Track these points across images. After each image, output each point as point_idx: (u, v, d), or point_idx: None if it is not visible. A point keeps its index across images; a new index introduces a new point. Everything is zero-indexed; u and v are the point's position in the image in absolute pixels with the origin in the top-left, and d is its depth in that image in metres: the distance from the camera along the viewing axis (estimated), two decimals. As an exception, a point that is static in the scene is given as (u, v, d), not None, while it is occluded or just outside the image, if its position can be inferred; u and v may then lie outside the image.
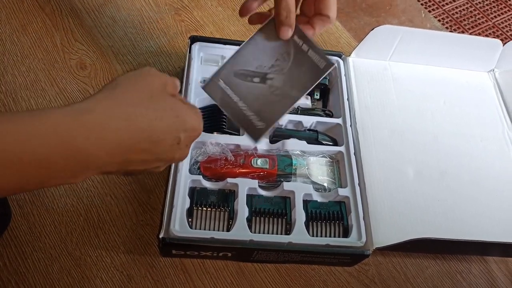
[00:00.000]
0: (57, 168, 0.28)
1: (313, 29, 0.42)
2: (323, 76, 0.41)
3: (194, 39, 0.54)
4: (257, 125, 0.42)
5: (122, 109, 0.30)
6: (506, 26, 1.40)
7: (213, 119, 0.50)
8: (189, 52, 0.53)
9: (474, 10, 1.30)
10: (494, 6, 1.44)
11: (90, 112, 0.29)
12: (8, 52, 0.56)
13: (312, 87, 0.41)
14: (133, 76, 0.33)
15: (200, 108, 0.50)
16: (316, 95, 0.56)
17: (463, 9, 1.28)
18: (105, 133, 0.29)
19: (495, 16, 1.40)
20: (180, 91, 0.50)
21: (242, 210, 0.43)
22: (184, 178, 0.44)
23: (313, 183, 0.47)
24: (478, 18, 1.28)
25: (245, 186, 0.44)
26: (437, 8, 1.24)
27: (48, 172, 0.28)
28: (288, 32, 0.40)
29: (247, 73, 0.42)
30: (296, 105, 0.48)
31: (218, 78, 0.42)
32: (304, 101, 0.54)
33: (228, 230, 0.42)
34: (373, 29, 0.54)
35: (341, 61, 0.56)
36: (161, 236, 0.40)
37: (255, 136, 0.42)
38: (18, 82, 0.54)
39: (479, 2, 1.33)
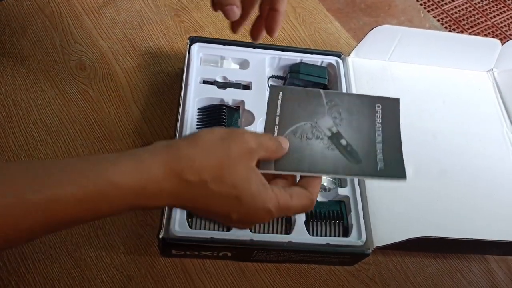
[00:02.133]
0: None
1: (271, 30, 0.41)
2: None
3: (193, 40, 0.54)
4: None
5: (182, 165, 0.30)
6: (505, 25, 1.41)
7: (213, 119, 0.50)
8: (189, 53, 0.53)
9: (473, 10, 1.30)
10: (493, 6, 1.44)
11: (154, 167, 0.30)
12: (8, 53, 0.56)
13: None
14: (221, 135, 0.32)
15: (199, 109, 0.51)
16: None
17: (462, 9, 1.28)
18: (159, 190, 0.30)
19: (494, 16, 1.40)
20: (180, 92, 0.50)
21: (242, 209, 0.43)
22: (184, 178, 0.44)
23: (313, 182, 0.47)
24: (477, 18, 1.28)
25: (244, 186, 0.44)
26: (436, 8, 1.24)
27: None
28: (235, 11, 0.39)
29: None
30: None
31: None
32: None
33: (228, 230, 0.42)
34: (372, 29, 0.54)
35: (340, 61, 0.56)
36: (161, 236, 0.40)
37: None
38: (18, 83, 0.54)
39: (478, 2, 1.33)
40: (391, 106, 0.41)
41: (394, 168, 0.37)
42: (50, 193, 0.27)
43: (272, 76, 0.56)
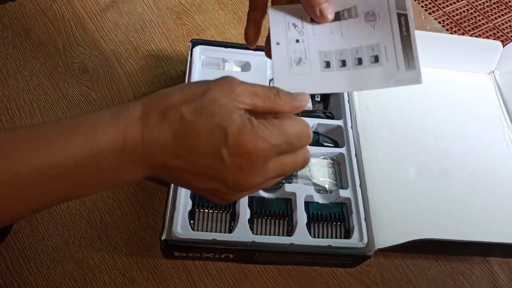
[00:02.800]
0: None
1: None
2: None
3: (195, 43, 0.54)
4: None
5: (160, 102, 0.29)
6: (506, 27, 1.41)
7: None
8: (191, 55, 0.53)
9: (475, 11, 1.30)
10: (494, 8, 1.44)
11: (133, 107, 0.29)
12: (11, 56, 0.57)
13: None
14: (201, 81, 0.30)
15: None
16: (317, 97, 0.56)
17: (464, 11, 1.28)
18: (140, 129, 0.28)
19: (495, 18, 1.40)
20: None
21: (244, 211, 0.43)
22: (186, 180, 0.44)
23: (315, 184, 0.47)
24: (479, 20, 1.28)
25: (246, 188, 0.45)
26: (437, 10, 1.24)
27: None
28: (329, 10, 0.34)
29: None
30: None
31: None
32: (305, 103, 0.55)
33: (230, 231, 0.42)
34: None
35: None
36: (163, 238, 0.40)
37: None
38: (21, 86, 0.54)
39: (480, 4, 1.34)
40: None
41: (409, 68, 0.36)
42: (43, 151, 0.27)
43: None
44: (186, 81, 0.51)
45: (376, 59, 0.33)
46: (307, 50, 0.34)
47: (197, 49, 0.54)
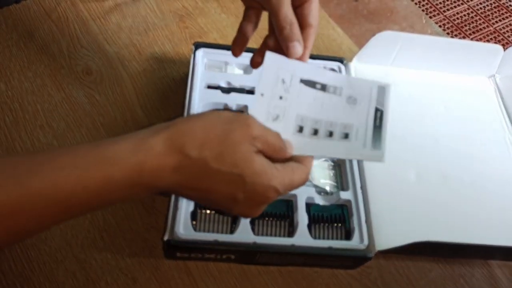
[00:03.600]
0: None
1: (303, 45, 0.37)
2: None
3: (198, 46, 0.55)
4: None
5: (182, 140, 0.30)
6: (507, 31, 1.41)
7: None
8: (193, 58, 0.54)
9: (475, 15, 1.31)
10: (495, 12, 1.45)
11: (153, 142, 0.30)
12: (15, 57, 0.57)
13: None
14: (224, 116, 0.32)
15: (203, 113, 0.51)
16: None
17: (464, 15, 1.29)
18: (160, 165, 0.30)
19: (496, 22, 1.41)
20: (184, 96, 0.51)
21: (246, 213, 0.43)
22: (188, 182, 0.44)
23: (315, 186, 0.47)
24: (479, 24, 1.29)
25: (248, 189, 0.45)
26: (438, 14, 1.25)
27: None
28: (298, 48, 0.37)
29: None
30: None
31: None
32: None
33: (231, 232, 0.43)
34: (374, 35, 0.55)
35: (342, 67, 0.57)
36: (165, 238, 0.41)
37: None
38: (25, 87, 0.55)
39: (480, 8, 1.34)
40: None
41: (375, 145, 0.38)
42: (53, 177, 0.27)
43: None
44: (189, 83, 0.52)
45: (346, 136, 0.37)
46: (286, 110, 0.36)
47: (200, 52, 0.55)
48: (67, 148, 0.31)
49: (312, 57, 0.57)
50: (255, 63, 0.42)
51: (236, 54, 0.43)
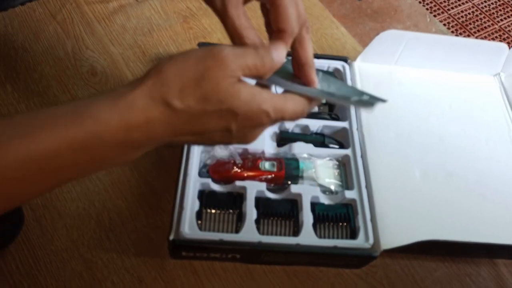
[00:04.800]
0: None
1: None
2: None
3: (202, 46, 0.55)
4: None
5: (161, 92, 0.28)
6: (512, 30, 1.40)
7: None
8: (197, 58, 0.54)
9: (480, 13, 1.30)
10: (500, 10, 1.44)
11: (133, 97, 0.28)
12: (21, 59, 0.58)
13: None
14: (195, 55, 0.30)
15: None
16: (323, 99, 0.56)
17: (469, 13, 1.28)
18: (146, 119, 0.28)
19: (501, 20, 1.40)
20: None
21: (250, 212, 0.44)
22: (194, 181, 0.45)
23: (320, 185, 0.47)
24: (484, 22, 1.28)
25: (253, 189, 0.45)
26: (442, 13, 1.24)
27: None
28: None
29: None
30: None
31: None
32: (311, 105, 0.55)
33: (236, 232, 0.43)
34: (378, 34, 0.55)
35: (346, 66, 0.57)
36: (171, 238, 0.41)
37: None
38: (31, 89, 0.55)
39: (485, 6, 1.33)
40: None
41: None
42: (33, 137, 0.26)
43: None
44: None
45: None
46: None
47: (204, 52, 0.55)
48: (46, 109, 0.29)
49: (316, 56, 0.57)
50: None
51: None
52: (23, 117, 0.28)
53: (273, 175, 0.47)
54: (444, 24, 1.22)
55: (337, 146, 0.51)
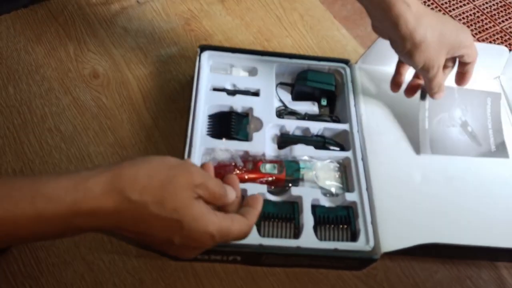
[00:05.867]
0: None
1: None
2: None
3: (203, 48, 0.55)
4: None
5: (124, 183, 0.30)
6: (514, 31, 1.40)
7: (222, 125, 0.51)
8: (199, 60, 0.54)
9: (481, 15, 1.30)
10: (501, 11, 1.44)
11: (92, 183, 0.30)
12: (23, 61, 0.58)
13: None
14: (169, 162, 0.32)
15: (209, 116, 0.52)
16: (323, 101, 0.56)
17: (470, 14, 1.28)
18: (97, 207, 0.30)
19: (502, 21, 1.40)
20: (190, 99, 0.51)
21: (251, 215, 0.44)
22: (194, 184, 0.45)
23: (321, 188, 0.47)
24: (485, 23, 1.28)
25: (254, 191, 0.45)
26: (443, 14, 1.24)
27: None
28: (441, 95, 0.50)
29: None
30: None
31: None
32: (312, 108, 0.55)
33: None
34: (379, 36, 0.55)
35: (347, 68, 0.57)
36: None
37: None
38: (33, 91, 0.56)
39: (486, 7, 1.33)
40: (496, 98, 0.55)
41: (502, 151, 0.52)
42: None
43: (280, 83, 0.57)
44: (194, 86, 0.52)
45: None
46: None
47: (205, 54, 0.55)
48: (6, 179, 0.31)
49: (317, 58, 0.57)
50: (405, 92, 0.53)
51: (394, 90, 0.54)
52: None
53: (273, 178, 0.47)
54: (446, 26, 1.22)
55: (337, 149, 0.52)
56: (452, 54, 0.48)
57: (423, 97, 0.53)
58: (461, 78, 0.51)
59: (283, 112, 0.54)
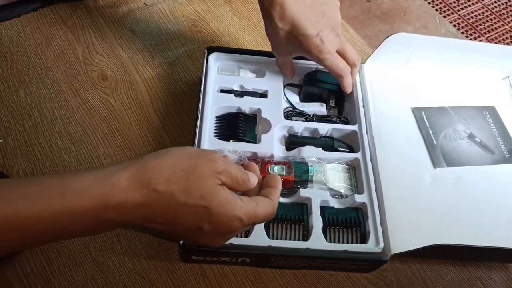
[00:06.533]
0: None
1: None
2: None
3: (210, 50, 0.55)
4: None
5: (148, 175, 0.31)
6: (523, 29, 1.38)
7: (230, 127, 0.51)
8: (206, 62, 0.54)
9: (490, 14, 1.29)
10: (510, 10, 1.42)
11: (118, 177, 0.30)
12: (33, 65, 0.58)
13: None
14: (190, 152, 0.33)
15: (216, 117, 0.52)
16: (332, 102, 0.56)
17: (479, 14, 1.27)
18: (125, 200, 0.30)
19: (511, 20, 1.38)
20: (198, 100, 0.51)
21: (260, 216, 0.44)
22: (203, 185, 0.45)
23: (330, 189, 0.47)
24: (494, 23, 1.27)
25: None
26: (452, 14, 1.23)
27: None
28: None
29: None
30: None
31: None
32: (320, 109, 0.55)
33: (246, 236, 0.43)
34: (388, 36, 0.55)
35: (356, 69, 0.57)
36: (181, 242, 0.41)
37: None
38: (43, 94, 0.56)
39: (495, 7, 1.32)
40: (493, 111, 0.57)
41: None
42: (15, 205, 0.28)
43: (288, 84, 0.56)
44: (202, 87, 0.52)
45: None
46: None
47: (213, 56, 0.55)
48: (35, 178, 0.32)
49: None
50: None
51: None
52: (10, 184, 0.30)
53: (282, 179, 0.47)
54: (454, 25, 1.21)
55: (346, 150, 0.51)
56: None
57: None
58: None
59: (291, 114, 0.54)
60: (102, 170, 0.31)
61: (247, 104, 0.52)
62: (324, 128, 0.52)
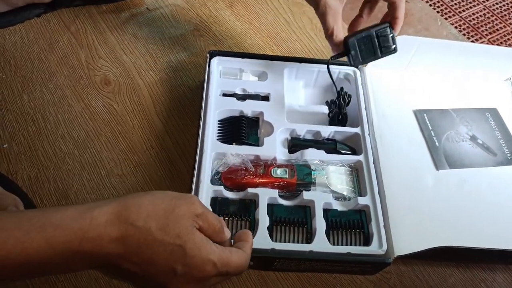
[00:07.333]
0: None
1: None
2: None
3: (213, 54, 0.56)
4: None
5: (128, 212, 0.31)
6: (525, 31, 1.38)
7: (233, 130, 0.51)
8: (208, 66, 0.55)
9: (492, 16, 1.28)
10: None
11: (99, 211, 0.31)
12: (37, 70, 0.59)
13: None
14: (171, 194, 0.34)
15: (219, 121, 0.52)
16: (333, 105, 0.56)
17: (480, 15, 1.27)
18: (102, 233, 0.30)
19: (513, 21, 1.38)
20: (200, 104, 0.51)
21: (263, 219, 0.44)
22: (206, 189, 0.45)
23: (333, 192, 0.47)
24: (496, 24, 1.27)
25: (265, 195, 0.45)
26: (453, 15, 1.23)
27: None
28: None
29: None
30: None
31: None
32: (322, 110, 0.55)
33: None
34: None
35: (358, 71, 0.57)
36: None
37: None
38: (46, 99, 0.56)
39: (497, 8, 1.32)
40: (495, 112, 0.57)
41: None
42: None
43: (333, 57, 0.53)
44: (204, 91, 0.52)
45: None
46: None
47: (215, 60, 0.55)
48: (16, 211, 0.33)
49: (327, 62, 0.57)
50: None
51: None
52: None
53: (285, 182, 0.47)
54: (456, 27, 1.21)
55: (349, 152, 0.51)
56: None
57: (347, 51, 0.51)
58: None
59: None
60: (84, 205, 0.31)
61: (249, 108, 0.53)
62: (327, 131, 0.52)
